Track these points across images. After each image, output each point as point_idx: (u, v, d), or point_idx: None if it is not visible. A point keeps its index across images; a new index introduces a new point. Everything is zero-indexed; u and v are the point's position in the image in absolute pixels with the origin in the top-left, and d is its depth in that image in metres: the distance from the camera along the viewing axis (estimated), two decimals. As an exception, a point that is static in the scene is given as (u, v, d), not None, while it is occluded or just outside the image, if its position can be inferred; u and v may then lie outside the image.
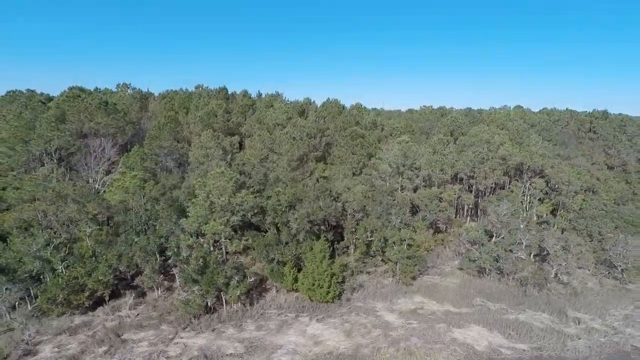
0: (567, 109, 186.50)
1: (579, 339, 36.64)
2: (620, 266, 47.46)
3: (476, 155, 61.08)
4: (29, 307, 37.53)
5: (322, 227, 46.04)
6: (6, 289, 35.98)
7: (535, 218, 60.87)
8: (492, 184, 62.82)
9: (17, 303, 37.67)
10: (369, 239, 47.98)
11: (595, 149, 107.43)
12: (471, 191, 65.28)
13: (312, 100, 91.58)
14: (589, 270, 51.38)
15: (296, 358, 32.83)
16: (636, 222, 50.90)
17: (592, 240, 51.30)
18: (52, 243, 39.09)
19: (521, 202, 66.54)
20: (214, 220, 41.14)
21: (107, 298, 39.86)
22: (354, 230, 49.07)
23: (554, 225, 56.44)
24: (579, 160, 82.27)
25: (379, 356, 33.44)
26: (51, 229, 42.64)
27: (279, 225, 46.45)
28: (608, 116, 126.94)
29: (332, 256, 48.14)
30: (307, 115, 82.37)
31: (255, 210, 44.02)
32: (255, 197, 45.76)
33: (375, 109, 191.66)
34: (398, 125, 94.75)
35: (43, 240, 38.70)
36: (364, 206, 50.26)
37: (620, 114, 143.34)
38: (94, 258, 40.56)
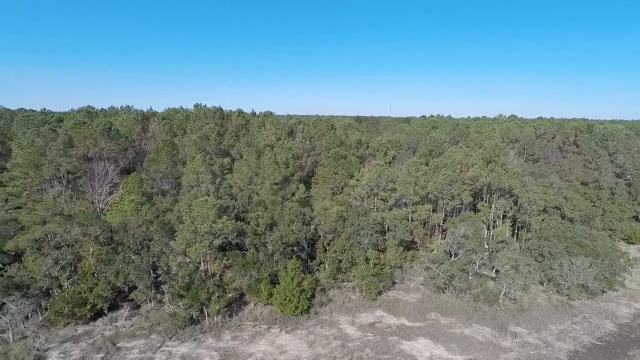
0: (562, 118, 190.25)
1: (511, 351, 41.98)
2: (566, 284, 52.53)
3: (445, 177, 66.37)
4: (40, 318, 43.99)
5: (294, 247, 51.82)
6: (21, 302, 42.36)
7: (499, 237, 66.07)
8: (459, 204, 68.05)
9: (29, 314, 44.08)
10: (339, 258, 53.73)
11: (576, 164, 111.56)
12: (442, 210, 70.49)
13: (301, 121, 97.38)
14: (543, 286, 56.67)
15: (262, 365, 38.77)
16: (584, 242, 55.66)
17: (543, 259, 56.32)
18: (60, 263, 45.52)
19: (491, 221, 71.91)
20: (199, 242, 47.24)
21: (106, 310, 46.18)
22: (325, 249, 54.87)
23: (512, 245, 61.57)
24: (553, 177, 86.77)
25: (334, 364, 39.25)
26: (59, 249, 49.14)
27: (257, 245, 52.46)
28: (592, 129, 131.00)
29: (308, 272, 54.11)
30: (295, 136, 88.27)
31: (235, 234, 50.06)
32: (236, 221, 51.79)
33: (373, 116, 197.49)
34: (383, 141, 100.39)
35: (52, 261, 45.19)
36: (335, 228, 55.96)
37: (606, 127, 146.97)
38: (95, 275, 46.94)
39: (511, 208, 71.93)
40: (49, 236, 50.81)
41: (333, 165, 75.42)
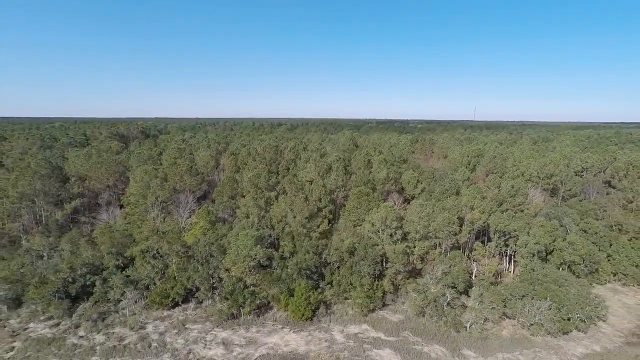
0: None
1: (452, 367, 55.48)
2: (526, 322, 63.07)
3: (443, 219, 79.23)
4: (143, 303, 69.29)
5: (308, 271, 70.61)
6: (133, 292, 67.87)
7: (485, 275, 76.92)
8: (453, 243, 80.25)
9: (137, 300, 69.62)
10: (342, 281, 71.10)
11: (614, 202, 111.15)
12: (441, 246, 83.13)
13: (340, 157, 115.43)
14: (516, 320, 67.26)
15: (271, 351, 58.34)
16: (550, 287, 64.62)
17: (513, 298, 66.80)
18: (155, 269, 70.61)
19: (487, 258, 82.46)
20: (240, 262, 68.72)
21: (180, 302, 69.99)
22: (332, 273, 72.70)
23: (499, 281, 72.41)
24: (567, 219, 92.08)
25: (318, 357, 57.21)
26: (155, 258, 74.63)
27: (281, 267, 72.37)
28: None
29: (318, 289, 72.40)
30: (332, 171, 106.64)
31: (265, 258, 70.59)
32: (269, 247, 72.33)
33: (450, 121, 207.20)
34: (415, 174, 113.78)
35: (150, 267, 70.45)
36: (343, 257, 73.41)
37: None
38: (175, 278, 71.26)
39: (507, 246, 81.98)
40: (150, 248, 76.78)
41: (357, 201, 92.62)
